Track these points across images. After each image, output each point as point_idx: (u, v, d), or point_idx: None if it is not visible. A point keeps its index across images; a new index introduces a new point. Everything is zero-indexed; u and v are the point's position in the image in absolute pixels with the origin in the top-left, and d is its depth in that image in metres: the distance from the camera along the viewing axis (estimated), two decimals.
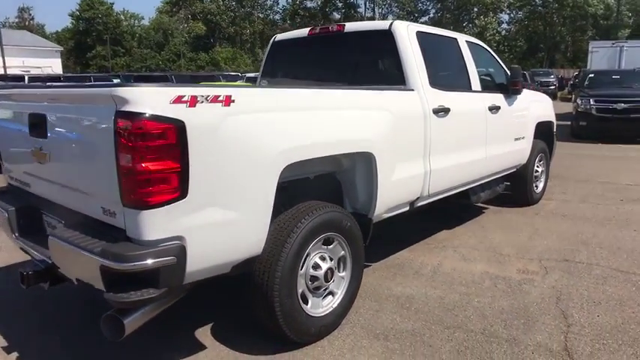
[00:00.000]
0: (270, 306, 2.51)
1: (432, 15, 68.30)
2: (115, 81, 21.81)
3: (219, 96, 2.13)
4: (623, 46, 16.37)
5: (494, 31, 60.57)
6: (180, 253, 2.03)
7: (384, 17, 69.39)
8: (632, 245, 4.37)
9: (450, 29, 4.84)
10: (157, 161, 1.94)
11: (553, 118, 6.05)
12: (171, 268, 2.02)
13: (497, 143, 4.60)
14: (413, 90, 3.46)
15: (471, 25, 63.46)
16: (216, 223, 2.18)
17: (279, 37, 4.51)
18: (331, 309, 2.87)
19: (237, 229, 2.30)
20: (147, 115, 1.91)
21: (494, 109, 4.44)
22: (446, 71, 4.04)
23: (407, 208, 3.62)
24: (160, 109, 1.94)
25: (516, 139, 5.05)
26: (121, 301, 1.98)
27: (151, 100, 1.93)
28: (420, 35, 3.72)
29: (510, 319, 3.05)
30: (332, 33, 3.99)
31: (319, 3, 67.80)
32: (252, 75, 19.78)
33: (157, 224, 1.99)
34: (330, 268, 2.80)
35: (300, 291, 2.65)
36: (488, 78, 4.70)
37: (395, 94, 3.33)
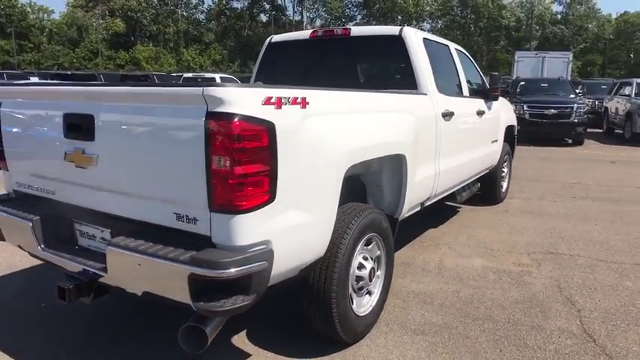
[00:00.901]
0: (327, 308, 2.52)
1: (358, 21, 70.18)
2: (33, 79, 20.04)
3: (297, 98, 2.12)
4: (545, 57, 17.99)
5: None
6: (270, 257, 2.00)
7: (312, 21, 70.28)
8: (600, 237, 4.84)
9: None
10: (251, 164, 1.89)
11: (515, 122, 6.53)
12: (262, 273, 1.98)
13: (481, 145, 4.91)
14: (426, 94, 3.61)
15: None
16: (296, 225, 2.17)
17: (276, 38, 4.48)
18: (371, 308, 2.93)
19: (312, 231, 2.29)
20: (242, 116, 1.86)
21: (480, 113, 4.73)
22: (445, 77, 4.24)
23: (419, 208, 3.77)
24: (254, 110, 1.90)
25: (492, 142, 5.41)
26: (214, 310, 1.90)
27: (244, 100, 1.88)
28: (425, 41, 3.88)
29: (527, 308, 3.29)
30: (337, 36, 4.05)
31: (246, 4, 67.04)
32: (189, 75, 19.18)
33: (248, 229, 1.94)
34: (372, 268, 2.86)
35: (349, 291, 2.69)
36: (471, 84, 5.00)
37: (416, 97, 3.46)
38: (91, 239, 2.46)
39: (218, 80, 18.14)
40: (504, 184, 6.38)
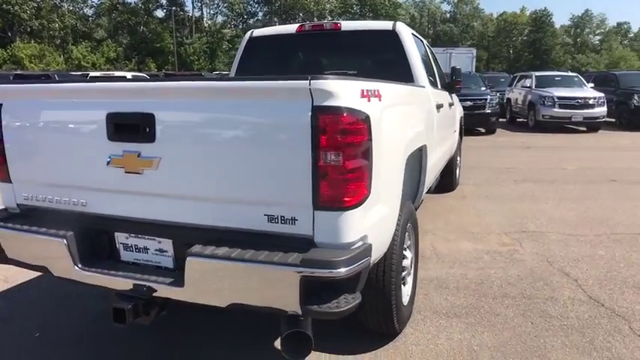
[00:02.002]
0: (387, 300, 2.53)
1: (260, 18, 69.75)
2: None
3: (376, 90, 2.09)
4: (451, 52, 19.30)
5: None
6: (370, 253, 1.96)
7: (212, 17, 68.49)
8: (556, 214, 5.36)
9: None
10: (356, 158, 1.85)
11: (462, 114, 6.97)
12: (366, 270, 1.94)
13: (450, 135, 5.18)
14: (424, 87, 3.74)
15: None
16: (381, 218, 2.15)
17: (257, 32, 4.35)
18: (408, 297, 2.98)
19: (388, 223, 2.28)
20: (349, 109, 1.80)
21: (450, 104, 4.99)
22: (428, 71, 4.41)
23: (423, 198, 3.89)
24: (357, 103, 1.85)
25: (454, 132, 5.73)
26: (330, 312, 1.82)
27: (349, 94, 1.83)
28: (413, 36, 4.01)
29: (532, 283, 3.56)
30: (327, 31, 4.03)
31: None
32: (97, 74, 17.74)
33: (352, 226, 1.89)
34: (412, 258, 2.92)
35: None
36: (441, 77, 5.25)
37: (423, 90, 3.57)
38: (140, 252, 2.21)
39: (129, 77, 17.03)
40: (458, 172, 6.79)
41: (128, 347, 2.82)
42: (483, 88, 14.18)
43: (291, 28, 4.17)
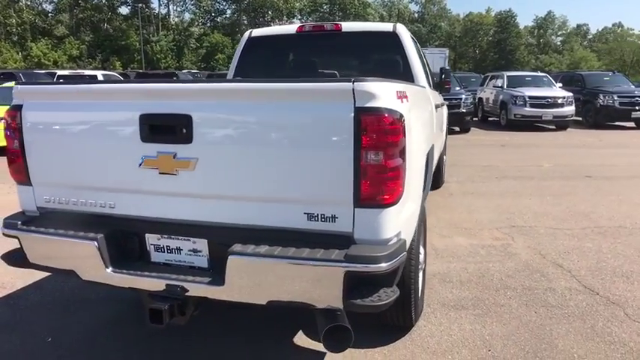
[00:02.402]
0: (407, 293, 2.62)
1: (228, 15, 69.03)
2: None
3: (405, 91, 2.18)
4: (425, 52, 19.63)
5: None
6: (405, 249, 2.05)
7: (179, 14, 67.36)
8: (541, 209, 5.60)
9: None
10: (395, 158, 1.92)
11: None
12: (403, 264, 2.02)
13: (441, 134, 5.34)
14: (425, 87, 3.86)
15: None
16: (410, 215, 2.23)
17: (256, 32, 4.37)
18: (420, 290, 3.09)
19: (414, 219, 2.37)
20: (389, 110, 1.88)
21: (443, 104, 5.14)
22: (424, 71, 4.53)
23: None
24: (394, 104, 1.93)
25: (441, 131, 5.89)
26: (373, 305, 1.90)
27: (388, 95, 1.90)
28: (411, 37, 4.13)
29: (529, 275, 3.73)
30: (328, 32, 4.09)
31: None
32: (65, 73, 17.23)
33: (390, 223, 1.97)
34: (424, 253, 3.02)
35: None
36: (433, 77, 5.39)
37: (426, 90, 3.68)
38: (172, 253, 2.23)
39: (100, 77, 16.65)
40: (444, 170, 6.98)
41: (146, 350, 2.81)
42: (458, 88, 14.49)
43: (292, 28, 4.21)
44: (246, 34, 4.35)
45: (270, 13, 66.90)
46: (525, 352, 2.69)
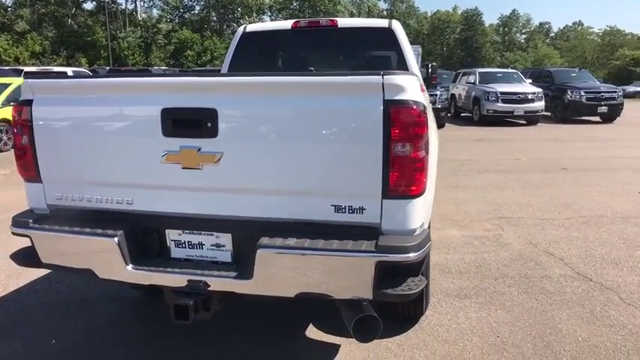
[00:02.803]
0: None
1: (197, 11, 67.94)
2: None
3: (422, 84, 2.22)
4: None
5: None
6: (430, 238, 2.09)
7: (147, 10, 65.88)
8: (524, 201, 5.78)
9: (216, 28, 5.17)
10: (421, 150, 1.96)
11: None
12: (429, 254, 2.06)
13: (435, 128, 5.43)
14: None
15: (236, 24, 65.62)
16: (429, 206, 2.27)
17: (251, 27, 4.33)
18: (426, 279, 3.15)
19: (430, 211, 2.41)
20: (415, 102, 1.91)
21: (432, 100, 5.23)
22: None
23: None
24: (419, 97, 1.96)
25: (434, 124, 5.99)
26: (404, 294, 1.94)
27: (413, 88, 1.93)
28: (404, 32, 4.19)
29: (524, 263, 3.86)
30: (324, 27, 4.10)
31: None
32: (33, 69, 16.58)
33: (416, 213, 2.01)
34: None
35: None
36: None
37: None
38: (194, 248, 2.20)
39: (70, 74, 16.12)
40: None
41: (151, 349, 2.78)
42: None
43: (287, 24, 4.20)
44: (240, 29, 4.31)
45: (239, 9, 66.12)
46: (532, 337, 2.78)
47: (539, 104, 14.46)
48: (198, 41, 57.39)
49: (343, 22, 4.11)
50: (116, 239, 2.10)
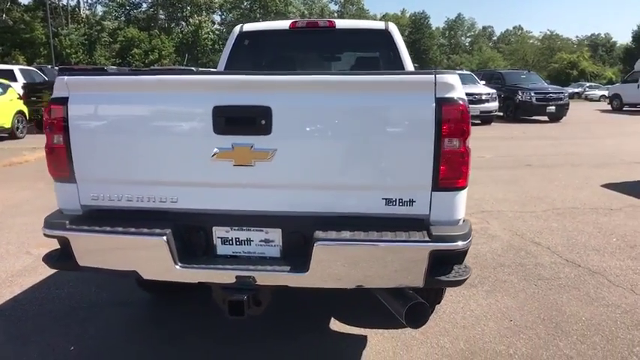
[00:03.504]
0: None
1: (144, 9, 65.88)
2: None
3: None
4: None
5: (209, 30, 62.79)
6: (471, 228, 2.21)
7: (90, 7, 63.08)
8: (500, 195, 6.11)
9: (164, 26, 5.25)
10: (466, 144, 2.08)
11: None
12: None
13: None
14: None
15: (185, 23, 64.15)
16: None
17: (247, 27, 4.33)
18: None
19: None
20: (462, 100, 2.04)
21: None
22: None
23: None
24: (463, 94, 2.09)
25: None
26: (456, 280, 2.06)
27: (459, 86, 2.05)
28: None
29: (516, 252, 4.11)
30: (322, 28, 4.17)
31: None
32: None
33: (462, 205, 2.14)
34: None
35: None
36: None
37: None
38: (241, 245, 2.22)
39: (18, 73, 15.28)
40: None
41: (177, 350, 2.76)
42: None
43: (285, 24, 4.23)
44: (237, 29, 4.30)
45: (188, 8, 64.62)
46: (541, 319, 2.99)
47: (494, 104, 15.19)
48: (146, 40, 55.64)
49: (341, 23, 4.19)
50: (165, 238, 2.08)
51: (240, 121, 2.06)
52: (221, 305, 2.21)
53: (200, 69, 24.35)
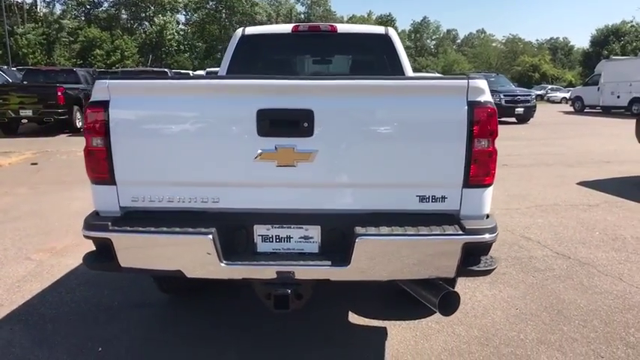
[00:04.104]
0: None
1: (105, 8, 64.21)
2: None
3: None
4: None
5: (174, 30, 61.81)
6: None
7: (48, 5, 60.93)
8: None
9: (127, 26, 5.36)
10: (494, 144, 2.26)
11: None
12: None
13: None
14: None
15: (148, 23, 62.88)
16: None
17: (250, 30, 4.41)
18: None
19: None
20: (491, 103, 2.21)
21: None
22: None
23: None
24: (490, 97, 2.26)
25: None
26: (486, 270, 2.23)
27: (488, 90, 2.23)
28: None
29: (510, 246, 4.37)
30: (323, 32, 4.30)
31: None
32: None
33: (488, 200, 2.32)
34: None
35: None
36: None
37: None
38: (281, 242, 2.32)
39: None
40: None
41: (216, 350, 2.83)
42: None
43: (287, 27, 4.33)
44: (239, 32, 4.37)
45: (152, 7, 63.33)
46: (544, 307, 3.22)
47: (532, 103, 15.70)
48: (108, 40, 54.24)
49: (342, 28, 4.33)
50: (211, 236, 2.16)
51: (284, 123, 2.16)
52: (263, 300, 2.31)
53: (208, 70, 23.96)
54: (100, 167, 2.28)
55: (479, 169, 2.21)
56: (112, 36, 55.39)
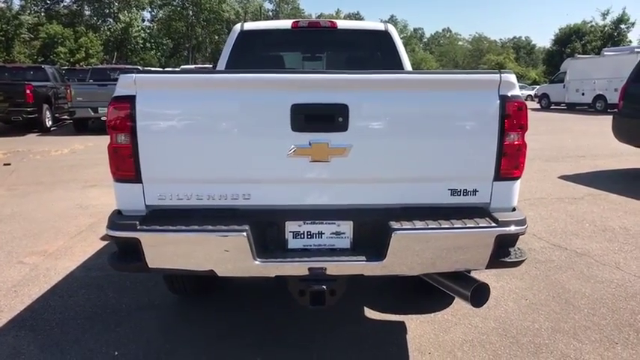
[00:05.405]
0: None
1: (67, 4, 61.98)
2: None
3: None
4: None
5: (140, 27, 60.31)
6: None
7: (6, 0, 58.27)
8: None
9: (91, 23, 5.27)
10: (524, 138, 2.30)
11: None
12: None
13: None
14: None
15: (113, 19, 61.15)
16: None
17: (248, 26, 4.35)
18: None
19: None
20: (520, 97, 2.26)
21: None
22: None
23: None
24: (519, 92, 2.30)
25: None
26: (518, 260, 2.28)
27: (516, 84, 2.26)
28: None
29: None
30: (323, 29, 4.29)
31: None
32: None
33: (517, 192, 2.36)
34: None
35: None
36: None
37: None
38: (312, 238, 2.29)
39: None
40: None
41: (232, 350, 2.79)
42: None
43: (286, 23, 4.29)
44: (238, 27, 4.30)
45: (116, 4, 61.58)
46: (552, 296, 3.32)
47: None
48: (71, 37, 52.41)
49: (342, 24, 4.33)
50: (245, 234, 2.11)
51: (319, 118, 2.14)
52: (296, 296, 2.28)
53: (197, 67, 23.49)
54: (126, 165, 2.20)
55: (509, 163, 2.25)
56: (75, 33, 53.53)
